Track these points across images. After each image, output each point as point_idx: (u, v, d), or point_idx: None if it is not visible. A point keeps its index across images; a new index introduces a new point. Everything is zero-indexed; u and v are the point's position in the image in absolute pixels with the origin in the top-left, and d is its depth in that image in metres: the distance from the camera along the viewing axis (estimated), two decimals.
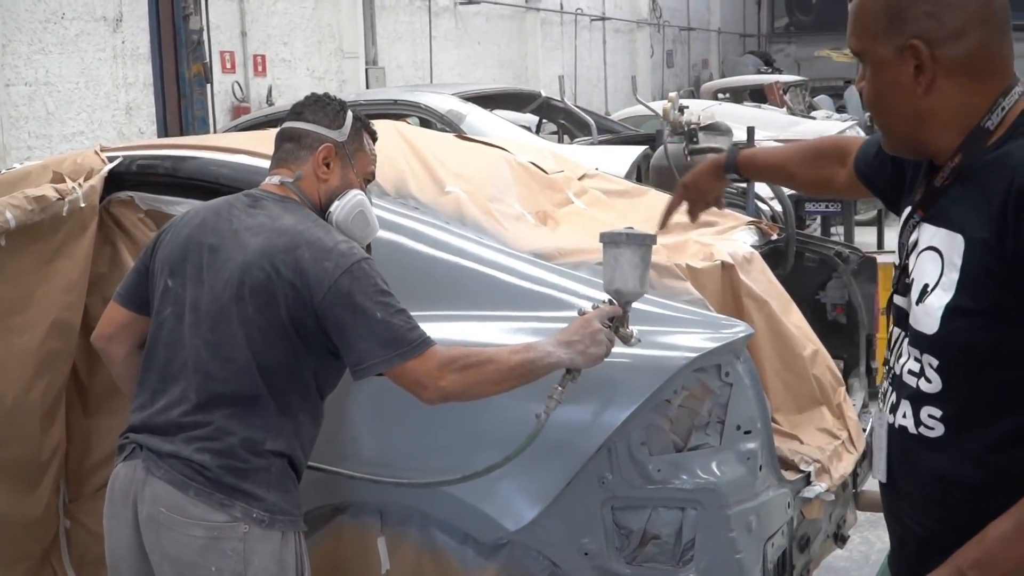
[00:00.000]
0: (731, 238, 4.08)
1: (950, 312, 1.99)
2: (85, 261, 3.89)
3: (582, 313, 2.99)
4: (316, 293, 2.91)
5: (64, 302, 3.84)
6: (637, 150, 7.39)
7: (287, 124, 3.24)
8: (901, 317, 2.18)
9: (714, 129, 6.95)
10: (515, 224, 3.76)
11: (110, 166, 4.00)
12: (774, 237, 4.52)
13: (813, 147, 2.95)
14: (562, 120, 10.23)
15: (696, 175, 3.22)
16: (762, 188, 6.54)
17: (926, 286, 2.05)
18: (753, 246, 4.11)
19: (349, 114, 3.26)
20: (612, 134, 9.79)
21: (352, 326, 2.90)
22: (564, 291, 3.39)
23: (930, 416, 2.07)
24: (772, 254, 4.37)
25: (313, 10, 16.93)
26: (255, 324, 2.96)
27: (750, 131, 8.04)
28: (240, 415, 2.96)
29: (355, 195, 3.20)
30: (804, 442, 3.72)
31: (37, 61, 12.13)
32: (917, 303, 2.07)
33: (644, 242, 2.95)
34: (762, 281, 3.86)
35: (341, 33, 17.49)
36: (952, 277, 1.99)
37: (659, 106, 7.45)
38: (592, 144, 8.73)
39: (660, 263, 3.48)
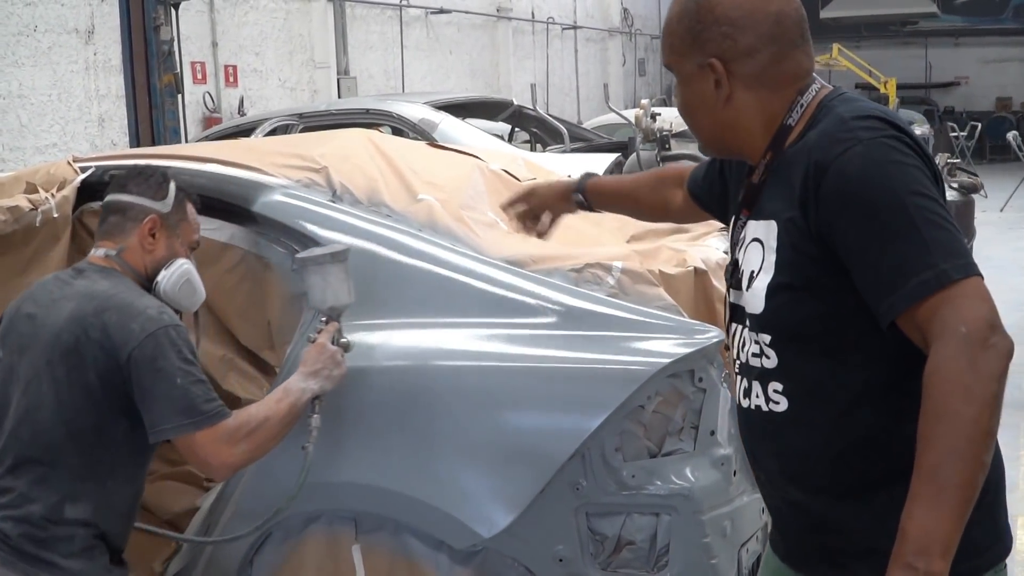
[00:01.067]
0: (704, 244, 4.08)
1: (772, 290, 2.16)
2: (59, 271, 3.78)
3: (311, 341, 3.20)
4: (122, 354, 2.97)
5: None
6: (610, 158, 7.42)
7: (111, 197, 3.30)
8: (736, 311, 2.33)
9: (686, 136, 6.96)
10: (488, 231, 3.75)
11: (82, 176, 4.00)
12: None
13: (656, 173, 3.20)
14: (534, 128, 10.25)
15: (547, 187, 3.28)
16: None
17: (752, 272, 2.21)
18: (726, 252, 4.08)
19: (172, 185, 3.33)
20: (584, 142, 9.80)
21: (151, 388, 2.97)
22: (537, 297, 3.39)
23: (775, 391, 2.21)
24: None
25: (284, 20, 16.93)
26: (64, 385, 3.00)
27: None
28: (43, 480, 2.99)
29: (181, 264, 3.27)
30: None
31: (10, 74, 12.10)
32: (747, 289, 2.23)
33: (343, 256, 3.20)
34: None
35: (312, 43, 17.49)
36: (771, 260, 2.16)
37: (631, 114, 7.49)
38: (565, 152, 8.75)
39: (633, 269, 3.49)
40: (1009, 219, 17.56)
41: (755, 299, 2.20)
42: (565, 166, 6.47)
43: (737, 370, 2.35)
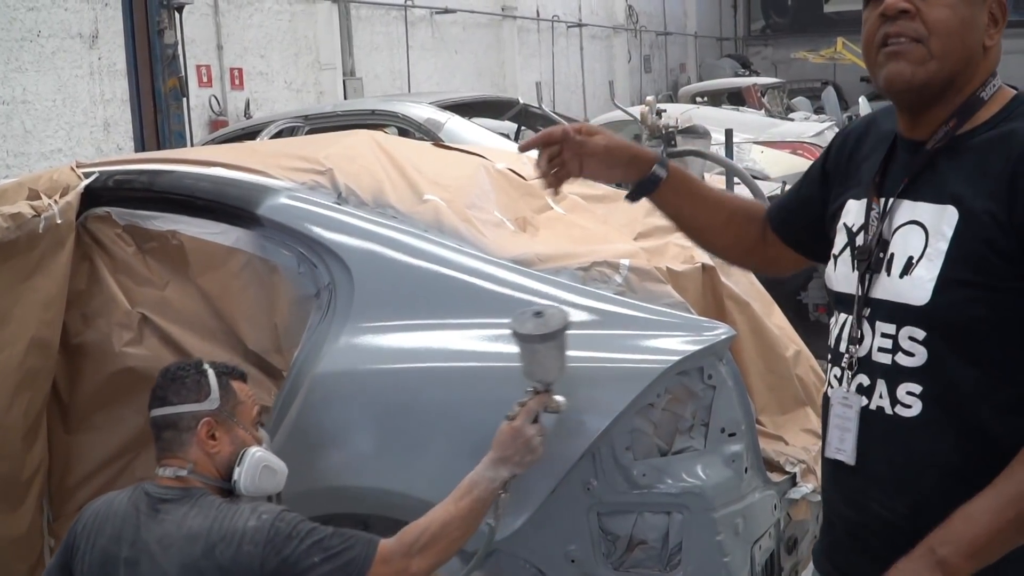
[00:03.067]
0: None
1: (945, 282, 1.99)
2: (63, 278, 3.88)
3: (509, 418, 3.01)
4: None
5: (43, 319, 3.83)
6: None
7: (155, 413, 3.14)
8: (843, 300, 2.22)
9: (692, 132, 6.96)
10: (494, 231, 3.76)
11: (86, 182, 4.00)
12: None
13: (734, 201, 2.80)
14: (540, 127, 10.21)
15: (609, 137, 2.57)
16: (742, 190, 6.55)
17: (912, 259, 2.05)
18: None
19: (210, 375, 3.18)
20: None
21: None
22: (545, 297, 3.39)
23: (908, 393, 2.06)
24: None
25: (289, 23, 16.97)
26: None
27: (728, 133, 8.06)
28: None
29: (253, 454, 3.13)
30: (789, 443, 3.75)
31: (14, 79, 12.17)
32: (901, 276, 2.06)
33: (558, 335, 2.96)
34: (743, 283, 3.89)
35: (318, 45, 17.55)
36: (940, 247, 2.00)
37: (637, 111, 7.46)
38: None
39: (640, 267, 3.50)
40: None
41: (917, 289, 2.04)
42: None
43: (847, 365, 2.19)
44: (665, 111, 7.02)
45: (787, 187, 8.12)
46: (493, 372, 3.30)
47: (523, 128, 10.43)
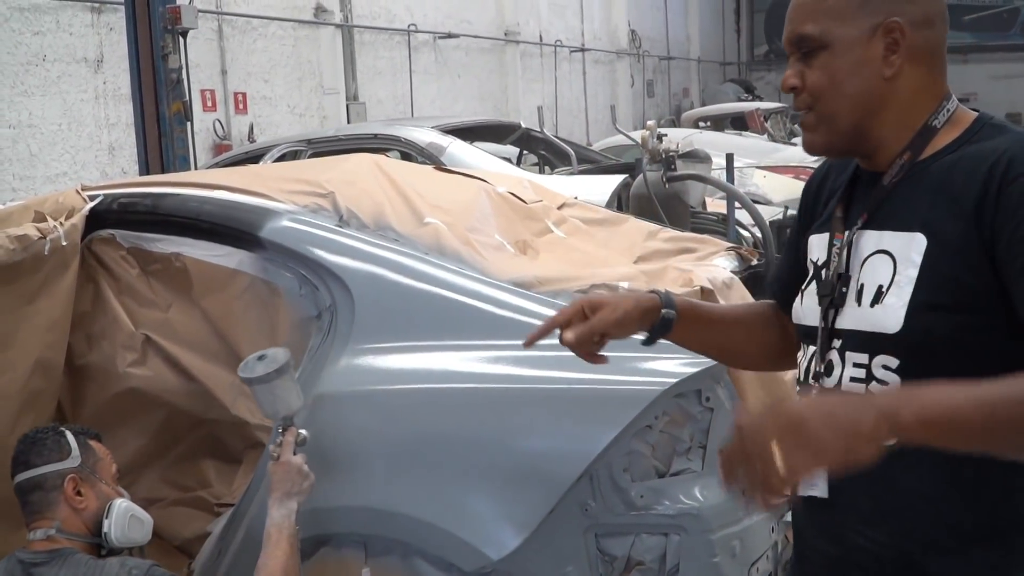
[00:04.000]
0: (711, 264, 4.10)
1: (917, 308, 1.97)
2: (68, 299, 3.89)
3: (275, 458, 3.17)
4: None
5: (47, 341, 3.84)
6: (617, 179, 7.41)
7: (20, 478, 3.24)
8: (809, 333, 2.18)
9: (693, 156, 6.98)
10: (495, 254, 3.77)
11: (91, 205, 4.02)
12: (754, 262, 4.53)
13: (748, 320, 2.60)
14: (542, 151, 10.28)
15: (611, 299, 2.36)
16: (743, 215, 6.58)
17: (880, 287, 2.02)
18: (733, 272, 4.11)
19: (68, 435, 3.29)
20: (592, 164, 9.84)
21: None
22: (544, 320, 3.37)
23: None
24: (752, 279, 4.37)
25: (293, 47, 17.00)
26: None
27: (729, 158, 8.08)
28: None
29: (119, 505, 3.26)
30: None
31: (19, 103, 12.19)
32: (872, 305, 2.03)
33: (286, 368, 3.16)
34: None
35: (321, 70, 17.57)
36: (910, 274, 1.98)
37: (639, 135, 7.49)
38: (572, 174, 8.77)
39: (640, 290, 3.49)
40: None
41: (888, 317, 2.00)
42: (572, 187, 6.49)
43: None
44: (666, 135, 7.03)
45: (789, 211, 8.16)
46: (493, 394, 3.31)
47: (525, 152, 10.47)
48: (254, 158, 9.15)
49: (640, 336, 2.36)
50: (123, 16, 10.68)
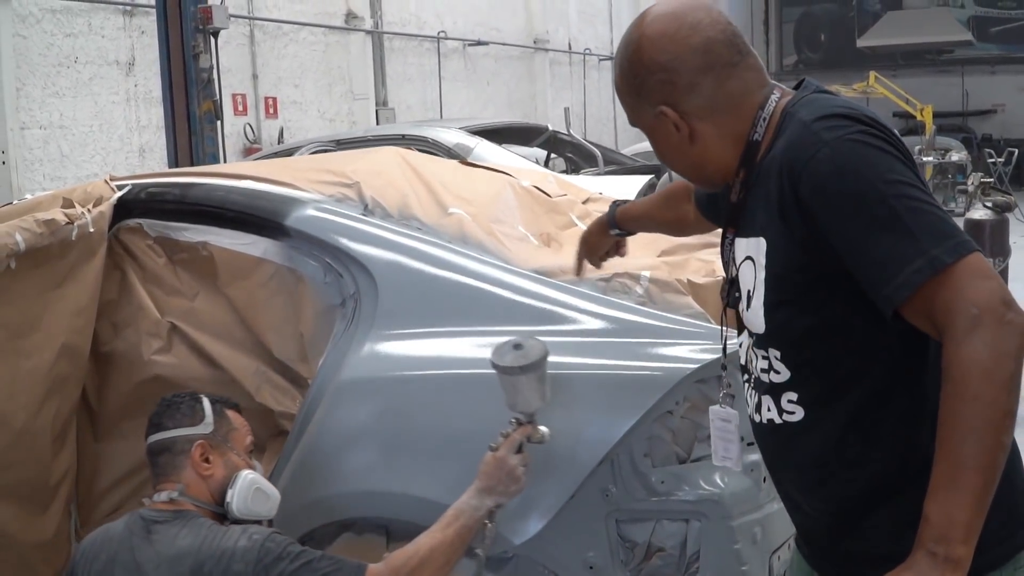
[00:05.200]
0: None
1: (769, 307, 2.16)
2: (94, 286, 3.92)
3: (493, 449, 3.09)
4: None
5: (73, 326, 3.87)
6: (644, 178, 7.45)
7: (151, 440, 3.24)
8: (742, 327, 2.37)
9: None
10: (518, 244, 3.80)
11: (119, 194, 4.07)
12: None
13: (667, 191, 3.12)
14: (569, 153, 10.31)
15: (588, 231, 3.30)
16: None
17: (749, 292, 2.22)
18: None
19: (205, 402, 3.29)
20: (618, 165, 9.88)
21: None
22: (565, 306, 3.43)
23: (789, 402, 2.21)
24: None
25: (323, 53, 17.12)
26: None
27: None
28: None
29: (245, 476, 3.20)
30: None
31: (51, 104, 12.30)
32: (747, 309, 2.24)
33: (535, 366, 3.04)
34: None
35: (351, 75, 17.70)
36: (761, 276, 2.17)
37: None
38: (599, 174, 8.80)
39: (662, 278, 3.51)
40: None
41: (756, 318, 2.21)
42: (599, 186, 6.51)
43: (750, 384, 2.36)
44: None
45: None
46: None
47: (552, 155, 10.48)
48: (283, 157, 9.21)
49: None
50: (155, 19, 10.78)
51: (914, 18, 30.06)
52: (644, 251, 4.02)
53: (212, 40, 9.19)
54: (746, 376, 2.38)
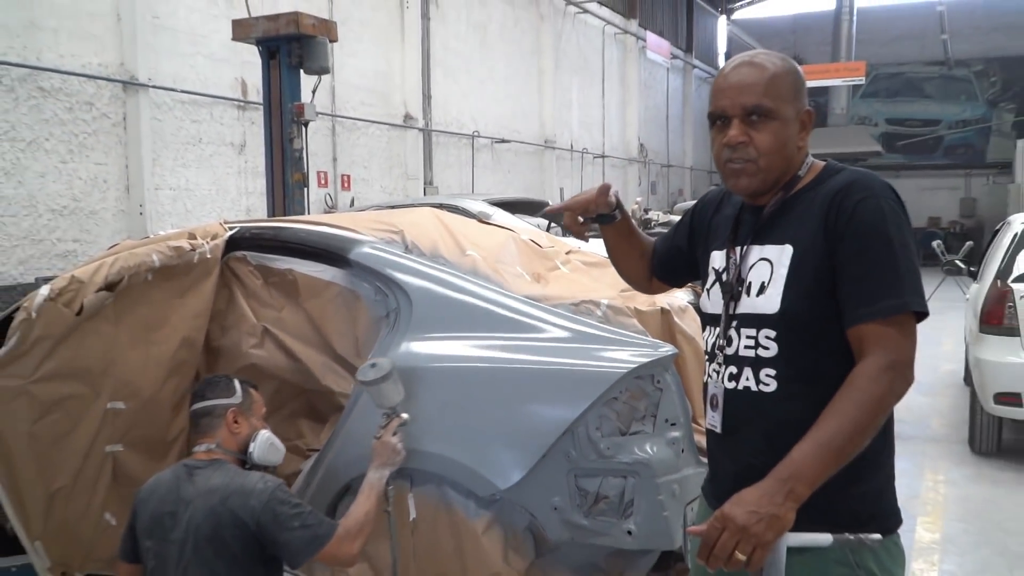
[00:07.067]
0: (672, 295, 4.01)
1: (786, 296, 2.12)
2: (209, 297, 3.99)
3: (377, 438, 3.28)
4: (251, 526, 3.03)
5: (192, 325, 3.94)
6: None
7: (197, 406, 3.35)
8: (714, 318, 2.31)
9: (668, 224, 7.13)
10: (515, 279, 3.82)
11: (230, 232, 4.15)
12: None
13: (647, 249, 2.79)
14: (563, 223, 10.39)
15: (592, 190, 2.65)
16: None
17: (763, 283, 2.17)
18: (689, 302, 4.05)
19: (235, 381, 3.41)
20: (597, 232, 10.00)
21: (281, 539, 3.03)
22: (544, 321, 3.48)
23: (767, 375, 2.16)
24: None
25: (386, 144, 17.08)
26: (213, 563, 3.05)
27: None
28: None
29: (262, 434, 3.37)
30: None
31: (179, 172, 12.26)
32: (757, 296, 2.18)
33: (390, 375, 3.24)
34: (693, 326, 3.83)
35: (406, 161, 17.58)
36: (781, 273, 2.14)
37: (631, 208, 7.61)
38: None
39: (615, 305, 3.55)
40: (935, 307, 17.31)
41: (770, 303, 2.14)
42: (580, 243, 6.56)
43: (720, 363, 2.27)
44: (649, 209, 7.22)
45: None
46: (507, 371, 3.37)
47: (552, 224, 10.60)
48: None
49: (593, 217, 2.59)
50: (261, 113, 10.93)
51: (838, 133, 29.93)
52: (607, 289, 4.09)
53: (303, 129, 9.29)
54: (718, 355, 2.28)
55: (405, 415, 3.29)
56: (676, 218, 7.46)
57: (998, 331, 7.18)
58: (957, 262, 10.14)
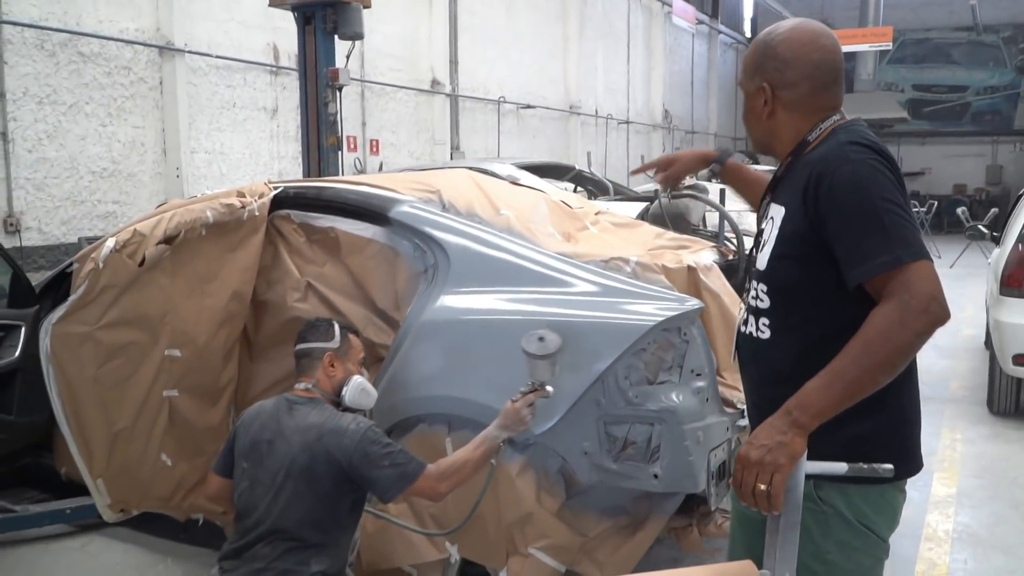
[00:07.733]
0: (699, 253, 4.14)
1: (772, 256, 2.24)
2: (256, 252, 4.10)
3: (513, 401, 3.24)
4: (344, 464, 3.12)
5: (242, 279, 4.06)
6: (642, 204, 7.63)
7: (299, 347, 3.45)
8: (751, 266, 2.41)
9: (696, 188, 7.17)
10: (547, 237, 3.90)
11: (275, 192, 4.25)
12: (730, 258, 4.58)
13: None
14: (590, 187, 10.50)
15: (685, 152, 3.11)
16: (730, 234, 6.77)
17: (765, 241, 2.29)
18: (715, 261, 4.11)
19: (335, 326, 3.49)
20: (624, 196, 10.10)
21: (373, 476, 3.12)
22: (575, 276, 3.56)
23: (763, 324, 2.29)
24: (728, 269, 4.36)
25: (414, 109, 17.08)
26: (306, 493, 3.15)
27: (721, 191, 8.27)
28: (292, 549, 3.15)
29: (355, 380, 3.44)
30: (741, 391, 3.87)
31: (214, 136, 12.38)
32: (759, 251, 2.32)
33: (553, 356, 3.17)
34: (717, 283, 3.88)
35: (434, 126, 17.61)
36: (774, 233, 2.25)
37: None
38: (610, 201, 9.01)
39: (644, 262, 3.63)
40: (957, 273, 17.40)
41: (763, 260, 2.26)
42: (608, 207, 6.70)
43: (743, 306, 2.41)
44: None
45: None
46: (540, 323, 3.38)
47: (577, 187, 10.71)
48: None
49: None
50: (294, 78, 11.00)
51: (864, 99, 29.68)
52: (636, 247, 4.09)
53: (338, 93, 9.39)
54: (744, 300, 2.42)
55: (550, 388, 3.24)
56: (701, 183, 7.51)
57: (1018, 294, 7.27)
58: (980, 227, 10.18)
